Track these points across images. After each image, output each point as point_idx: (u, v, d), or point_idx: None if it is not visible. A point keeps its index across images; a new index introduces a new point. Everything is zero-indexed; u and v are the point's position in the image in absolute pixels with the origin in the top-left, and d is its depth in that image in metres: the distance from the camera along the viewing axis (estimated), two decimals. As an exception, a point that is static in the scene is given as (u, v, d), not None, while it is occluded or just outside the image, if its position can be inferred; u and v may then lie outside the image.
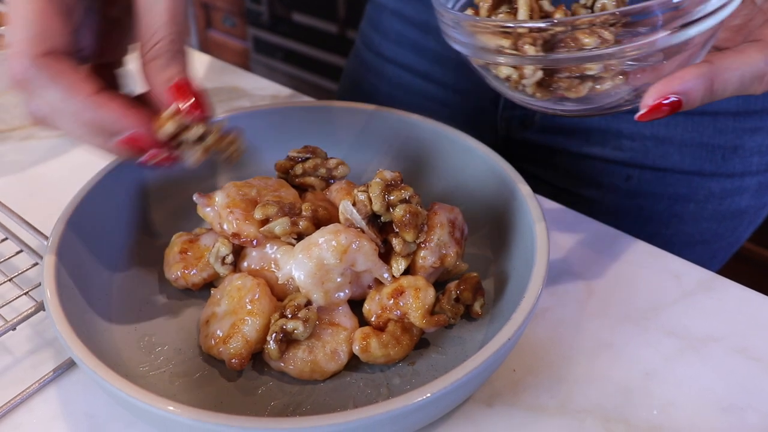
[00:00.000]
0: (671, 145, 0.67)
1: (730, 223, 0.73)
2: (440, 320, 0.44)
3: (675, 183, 0.69)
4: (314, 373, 0.43)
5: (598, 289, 0.53)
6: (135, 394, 0.36)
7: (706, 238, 0.73)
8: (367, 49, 0.83)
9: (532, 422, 0.43)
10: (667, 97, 0.38)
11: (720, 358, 0.48)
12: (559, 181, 0.72)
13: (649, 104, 0.38)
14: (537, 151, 0.73)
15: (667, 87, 0.38)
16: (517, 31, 0.38)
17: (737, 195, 0.70)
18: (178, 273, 0.48)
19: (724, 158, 0.67)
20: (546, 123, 0.72)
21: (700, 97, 0.38)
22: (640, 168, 0.69)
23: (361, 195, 0.45)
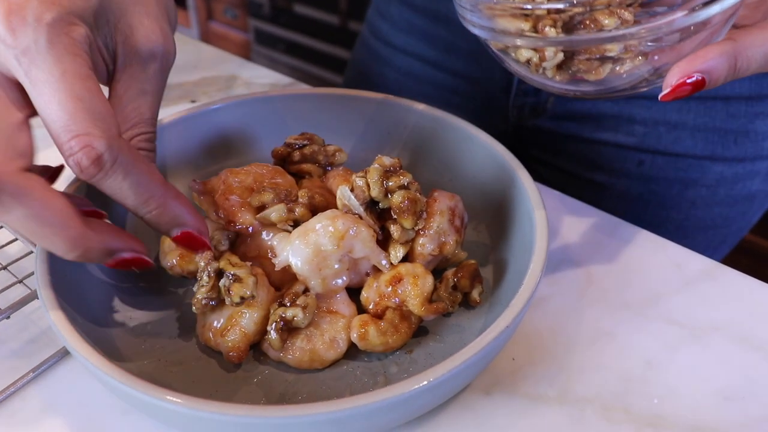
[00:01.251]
0: (683, 130, 0.67)
1: (741, 207, 0.73)
2: (439, 308, 0.43)
3: (687, 168, 0.69)
4: (313, 361, 0.43)
5: (598, 278, 0.52)
6: (129, 382, 0.36)
7: (717, 223, 0.73)
8: (375, 38, 0.83)
9: (531, 411, 0.43)
10: (691, 76, 0.37)
11: (721, 347, 0.47)
12: (571, 167, 0.72)
13: (672, 83, 0.38)
14: (548, 138, 0.73)
15: (690, 66, 0.37)
16: (536, 13, 0.38)
17: (748, 179, 0.70)
18: (173, 260, 0.47)
19: (736, 142, 0.67)
20: (557, 110, 0.71)
21: (724, 75, 0.38)
22: (652, 153, 0.69)
23: (360, 181, 0.44)
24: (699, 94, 0.65)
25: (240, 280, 0.42)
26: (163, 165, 0.56)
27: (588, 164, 0.72)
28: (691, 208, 0.71)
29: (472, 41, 0.69)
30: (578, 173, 0.61)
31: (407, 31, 0.77)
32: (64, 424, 0.42)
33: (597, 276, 0.52)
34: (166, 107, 0.74)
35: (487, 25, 0.41)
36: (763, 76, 0.64)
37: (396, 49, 0.80)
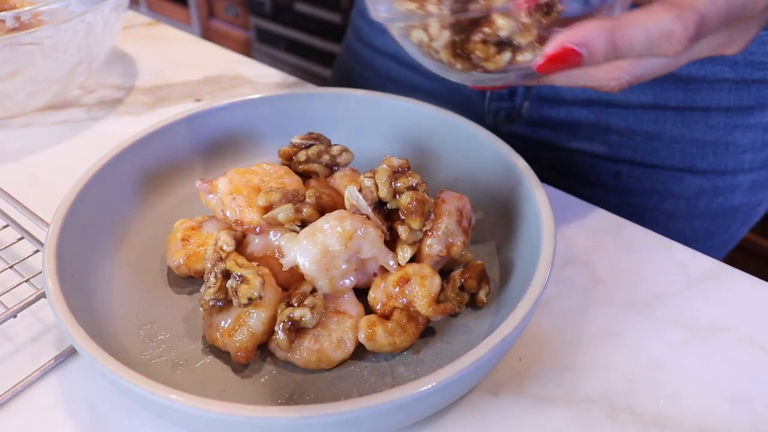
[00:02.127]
0: (660, 141, 0.67)
1: (722, 221, 0.72)
2: (446, 308, 0.44)
3: (665, 180, 0.68)
4: (321, 362, 0.42)
5: (603, 278, 0.52)
6: (136, 381, 0.36)
7: (698, 237, 0.72)
8: (357, 39, 0.83)
9: (537, 412, 0.43)
10: (566, 47, 0.37)
11: (727, 347, 0.47)
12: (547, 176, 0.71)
13: (548, 53, 0.37)
14: (525, 145, 0.72)
15: (566, 37, 0.37)
16: None
17: (729, 193, 0.69)
18: (180, 260, 0.47)
19: (715, 155, 0.66)
20: (533, 116, 0.71)
21: (602, 50, 0.37)
22: (629, 164, 0.68)
23: (368, 181, 0.44)
24: (676, 104, 0.64)
25: (247, 281, 0.42)
26: (169, 164, 0.56)
27: (564, 174, 0.72)
28: (669, 221, 0.71)
29: None
30: (555, 183, 0.61)
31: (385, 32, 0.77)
32: (70, 423, 0.42)
33: (602, 276, 0.52)
34: (171, 105, 0.74)
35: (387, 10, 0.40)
36: (743, 87, 0.63)
37: (375, 50, 0.79)
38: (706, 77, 0.63)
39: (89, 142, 0.69)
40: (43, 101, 0.72)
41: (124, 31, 0.91)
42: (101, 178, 0.50)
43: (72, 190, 0.48)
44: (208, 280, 0.43)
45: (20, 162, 0.66)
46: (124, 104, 0.75)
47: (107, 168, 0.51)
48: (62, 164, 0.66)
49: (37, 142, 0.69)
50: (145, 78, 0.80)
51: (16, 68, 0.64)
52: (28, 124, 0.72)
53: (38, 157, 0.67)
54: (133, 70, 0.82)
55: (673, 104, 0.65)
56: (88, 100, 0.76)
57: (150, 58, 0.85)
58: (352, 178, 0.50)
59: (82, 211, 0.48)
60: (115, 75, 0.81)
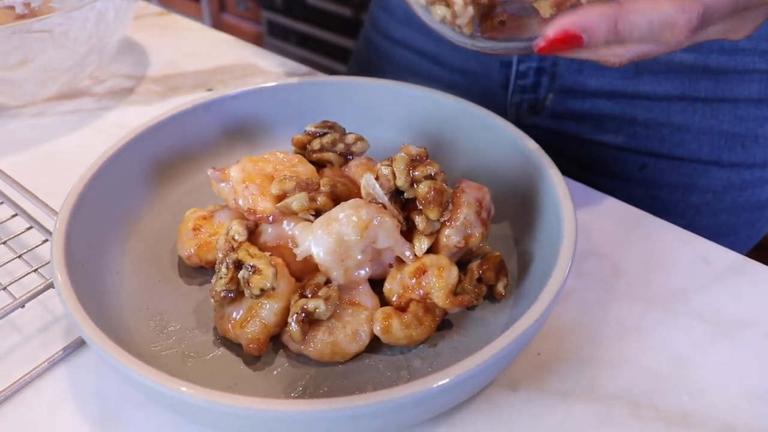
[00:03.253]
0: (688, 133, 0.65)
1: (749, 215, 0.71)
2: (464, 300, 0.42)
3: (691, 173, 0.67)
4: (335, 354, 0.41)
5: (624, 272, 0.51)
6: (146, 373, 0.35)
7: (723, 231, 0.71)
8: (376, 30, 0.82)
9: (557, 408, 0.42)
10: (567, 31, 0.37)
11: (753, 343, 0.46)
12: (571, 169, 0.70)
13: (549, 36, 0.38)
14: (547, 137, 0.71)
15: (568, 21, 0.37)
16: None
17: (757, 187, 0.68)
18: (191, 250, 0.47)
19: (744, 148, 0.65)
20: (557, 108, 0.69)
21: (603, 35, 0.37)
22: (655, 157, 0.67)
23: (385, 169, 0.43)
24: (705, 95, 0.63)
25: (259, 272, 0.41)
26: (180, 153, 0.55)
27: (588, 167, 0.70)
28: (695, 215, 0.69)
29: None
30: (579, 176, 0.60)
31: (406, 22, 0.76)
32: (79, 415, 0.41)
33: (622, 270, 0.51)
34: (182, 95, 0.74)
35: None
36: None
37: (395, 42, 0.78)
38: (737, 68, 0.62)
39: (100, 131, 0.68)
40: (54, 90, 0.71)
41: (135, 20, 0.90)
42: (111, 166, 0.49)
43: (81, 178, 0.47)
44: (219, 270, 0.42)
45: (30, 151, 0.65)
46: (135, 94, 0.75)
47: (117, 157, 0.50)
48: (72, 154, 0.65)
49: (48, 132, 0.68)
50: (156, 67, 0.79)
51: (26, 56, 0.64)
52: (39, 114, 0.71)
53: (48, 146, 0.66)
54: (144, 60, 0.81)
55: (702, 95, 0.63)
56: (98, 89, 0.75)
57: (161, 47, 0.84)
58: (368, 166, 0.49)
59: (92, 201, 0.47)
60: (126, 64, 0.80)
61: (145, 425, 0.41)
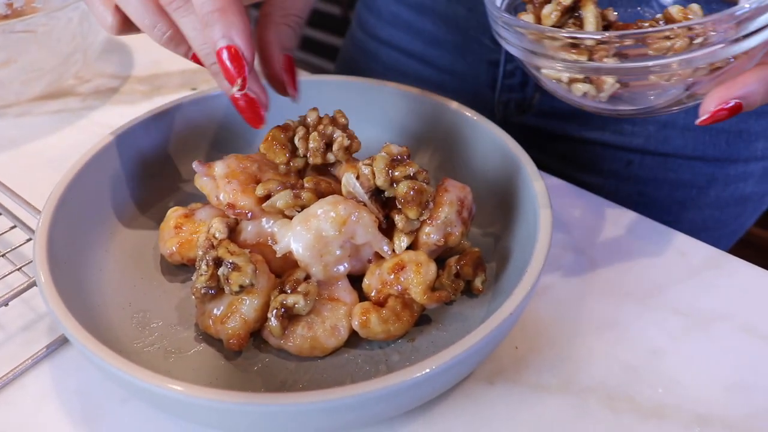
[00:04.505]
0: (673, 130, 0.66)
1: (733, 209, 0.71)
2: (442, 296, 0.43)
3: (677, 168, 0.68)
4: (314, 349, 0.42)
5: (602, 266, 0.52)
6: (128, 370, 0.35)
7: (708, 225, 0.71)
8: (362, 30, 0.82)
9: (534, 400, 0.42)
10: (728, 102, 0.38)
11: (727, 336, 0.47)
12: (558, 166, 0.71)
13: (710, 110, 0.39)
14: (535, 135, 0.72)
15: (728, 92, 0.38)
16: (586, 43, 0.38)
17: (741, 181, 0.69)
18: (173, 248, 0.47)
19: (728, 143, 0.66)
20: (544, 107, 0.70)
21: (760, 99, 0.39)
22: (641, 153, 0.68)
23: (365, 168, 0.44)
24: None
25: (239, 269, 0.41)
26: (164, 151, 0.55)
27: (575, 164, 0.71)
28: (681, 210, 0.70)
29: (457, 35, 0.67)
30: (566, 173, 0.60)
31: (392, 23, 0.76)
32: (63, 412, 0.42)
33: (601, 264, 0.52)
34: (167, 94, 0.74)
35: (527, 47, 0.41)
36: None
37: (381, 42, 0.79)
38: None
39: (84, 131, 0.69)
40: (38, 90, 0.71)
41: (120, 20, 0.90)
42: (94, 165, 0.50)
43: (64, 177, 0.47)
44: (199, 267, 0.43)
45: (15, 151, 0.66)
46: (120, 93, 0.75)
47: (100, 156, 0.50)
48: (57, 153, 0.65)
49: (32, 132, 0.68)
50: (141, 67, 0.80)
51: (10, 56, 0.64)
52: (23, 114, 0.71)
53: (33, 146, 0.66)
54: (129, 60, 0.81)
55: None
56: (83, 89, 0.75)
57: (146, 47, 0.84)
58: (352, 165, 0.50)
59: (75, 199, 0.47)
60: (111, 64, 0.80)
61: (128, 421, 0.41)
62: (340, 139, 0.47)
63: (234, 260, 0.42)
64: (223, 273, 0.42)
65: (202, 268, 0.43)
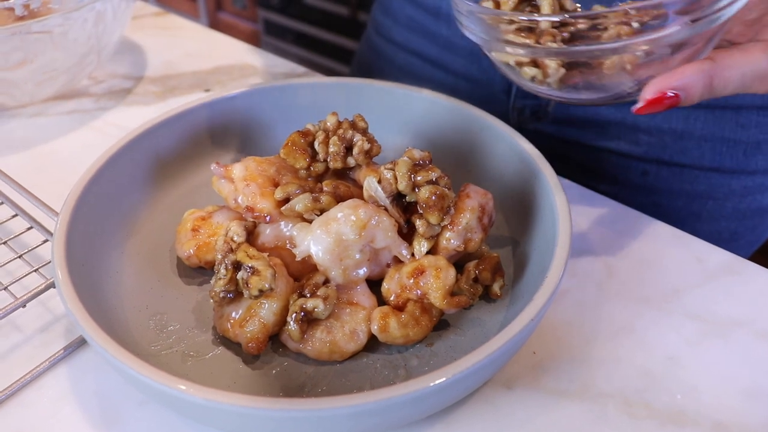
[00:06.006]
0: (690, 140, 0.65)
1: (750, 222, 0.70)
2: (461, 301, 0.43)
3: (693, 180, 0.67)
4: (333, 353, 0.42)
5: (618, 271, 0.51)
6: (147, 372, 0.35)
7: (724, 238, 0.71)
8: (378, 34, 0.82)
9: (552, 406, 0.42)
10: (665, 92, 0.38)
11: (745, 342, 0.46)
12: (573, 175, 0.71)
13: (647, 98, 0.39)
14: (550, 143, 0.71)
15: (666, 82, 0.38)
16: (541, 27, 0.39)
17: (759, 193, 0.68)
18: (190, 251, 0.47)
19: (745, 154, 0.65)
20: (559, 114, 0.70)
21: (699, 93, 0.38)
22: (657, 163, 0.67)
23: (387, 173, 0.43)
24: (707, 102, 0.63)
25: (258, 273, 0.41)
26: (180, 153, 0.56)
27: (590, 173, 0.71)
28: (696, 222, 0.69)
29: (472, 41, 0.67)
30: (581, 182, 0.60)
31: (408, 27, 0.76)
32: (80, 414, 0.42)
33: (617, 269, 0.52)
34: (180, 95, 0.74)
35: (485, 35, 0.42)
36: None
37: (397, 45, 0.79)
38: None
39: (98, 131, 0.69)
40: (53, 91, 0.71)
41: (133, 21, 0.90)
42: (111, 167, 0.50)
43: (82, 179, 0.47)
44: (218, 271, 0.43)
45: (29, 152, 0.66)
46: (133, 94, 0.75)
47: (117, 157, 0.50)
48: (71, 154, 0.65)
49: (47, 132, 0.68)
50: (155, 68, 0.80)
51: (26, 57, 0.64)
52: (38, 114, 0.71)
53: (47, 146, 0.66)
54: (142, 60, 0.81)
55: (704, 102, 0.64)
56: (97, 89, 0.76)
57: (159, 48, 0.84)
58: (372, 169, 0.50)
59: (92, 201, 0.47)
60: (125, 65, 0.80)
61: (146, 424, 0.41)
62: (360, 143, 0.47)
63: (253, 264, 0.41)
64: (242, 277, 0.42)
65: (221, 271, 0.43)
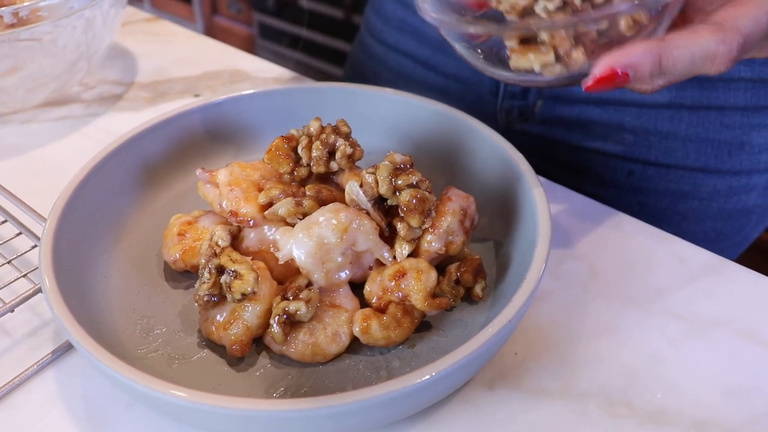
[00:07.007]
0: (675, 140, 0.66)
1: (736, 222, 0.71)
2: (442, 303, 0.43)
3: (678, 180, 0.68)
4: (316, 355, 0.42)
5: (602, 272, 0.52)
6: (132, 376, 0.36)
7: (710, 238, 0.71)
8: (370, 36, 0.82)
9: (534, 405, 0.43)
10: (615, 69, 0.38)
11: (726, 341, 0.47)
12: (559, 174, 0.71)
13: (596, 75, 0.39)
14: (537, 143, 0.72)
15: (615, 59, 0.39)
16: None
17: (744, 193, 0.68)
18: (176, 255, 0.47)
19: (730, 154, 0.66)
20: (546, 115, 0.70)
21: (647, 71, 0.39)
22: (642, 163, 0.68)
23: (369, 177, 0.44)
24: (692, 103, 0.64)
25: (241, 277, 0.42)
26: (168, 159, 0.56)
27: (577, 172, 0.71)
28: (682, 222, 0.70)
29: None
30: (567, 182, 0.61)
31: (399, 29, 0.77)
32: (68, 417, 0.42)
33: (600, 270, 0.52)
34: (170, 101, 0.74)
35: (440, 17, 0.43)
36: (759, 86, 0.62)
37: (389, 47, 0.79)
38: (722, 76, 0.62)
39: (89, 138, 0.69)
40: (43, 97, 0.72)
41: (123, 27, 0.91)
42: (98, 173, 0.50)
43: (69, 185, 0.48)
44: (202, 275, 0.43)
45: (20, 158, 0.66)
46: (124, 100, 0.75)
47: (104, 163, 0.51)
48: (62, 160, 0.66)
49: (37, 138, 0.69)
50: (145, 74, 0.80)
51: (15, 64, 0.64)
52: (28, 120, 0.72)
53: (38, 153, 0.67)
54: (132, 66, 0.82)
55: (688, 103, 0.64)
56: (87, 96, 0.76)
57: (150, 53, 0.85)
58: (354, 173, 0.50)
59: (79, 207, 0.48)
60: (115, 71, 0.81)
61: (132, 426, 0.41)
62: (342, 147, 0.48)
63: (236, 268, 0.42)
64: (225, 281, 0.42)
65: (205, 275, 0.43)
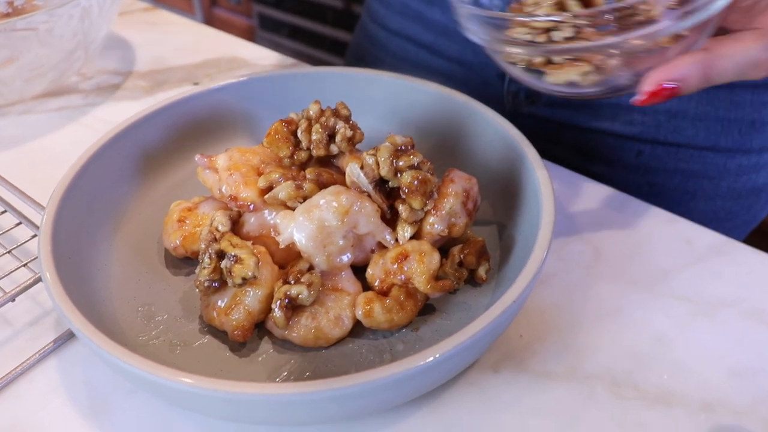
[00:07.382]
0: (684, 119, 0.65)
1: (745, 201, 0.70)
2: (445, 285, 0.43)
3: (688, 159, 0.67)
4: (318, 339, 0.42)
5: (607, 254, 0.52)
6: (134, 362, 0.36)
7: (719, 217, 0.71)
8: (372, 21, 0.82)
9: (539, 388, 0.42)
10: (663, 85, 0.39)
11: (732, 322, 0.47)
12: (568, 156, 0.71)
13: (646, 90, 0.40)
14: (544, 125, 0.72)
15: (664, 74, 0.39)
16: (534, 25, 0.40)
17: (754, 172, 0.68)
18: (177, 241, 0.47)
19: (740, 133, 0.65)
20: (553, 97, 0.70)
21: (696, 83, 0.39)
22: (651, 143, 0.67)
23: (369, 159, 0.44)
24: None
25: (241, 261, 0.41)
26: (166, 146, 0.56)
27: (585, 154, 0.70)
28: (691, 201, 0.69)
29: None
30: (575, 164, 0.60)
31: (402, 13, 0.76)
32: (70, 405, 0.42)
33: (605, 252, 0.52)
34: (169, 90, 0.74)
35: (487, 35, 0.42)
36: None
37: (391, 32, 0.79)
38: None
39: (87, 127, 0.69)
40: (41, 88, 0.72)
41: (122, 16, 0.90)
42: (97, 161, 0.50)
43: (67, 173, 0.48)
44: (202, 260, 0.43)
45: (18, 148, 0.66)
46: (122, 89, 0.75)
47: (103, 151, 0.50)
48: (60, 150, 0.65)
49: (35, 129, 0.68)
50: (143, 63, 0.80)
51: (12, 55, 0.64)
52: (26, 111, 0.71)
53: (36, 143, 0.67)
54: (130, 56, 0.82)
55: None
56: (85, 86, 0.76)
57: (148, 42, 0.84)
58: (355, 156, 0.50)
59: (78, 195, 0.47)
60: (113, 60, 0.80)
61: (135, 413, 0.41)
62: (342, 130, 0.47)
63: (236, 253, 0.42)
64: (225, 266, 0.42)
65: (205, 261, 0.43)
